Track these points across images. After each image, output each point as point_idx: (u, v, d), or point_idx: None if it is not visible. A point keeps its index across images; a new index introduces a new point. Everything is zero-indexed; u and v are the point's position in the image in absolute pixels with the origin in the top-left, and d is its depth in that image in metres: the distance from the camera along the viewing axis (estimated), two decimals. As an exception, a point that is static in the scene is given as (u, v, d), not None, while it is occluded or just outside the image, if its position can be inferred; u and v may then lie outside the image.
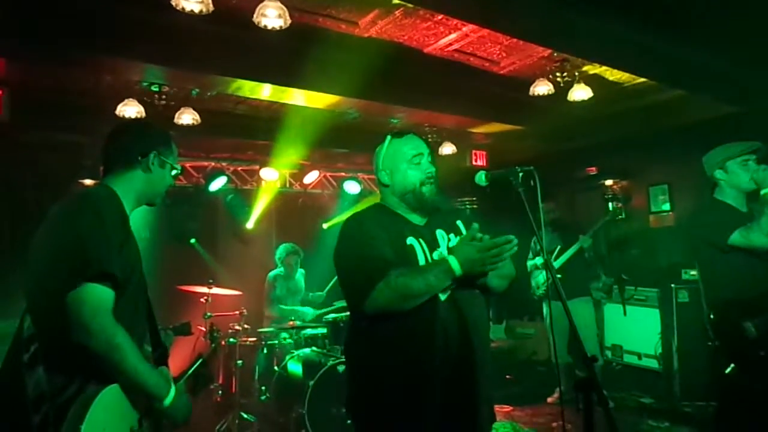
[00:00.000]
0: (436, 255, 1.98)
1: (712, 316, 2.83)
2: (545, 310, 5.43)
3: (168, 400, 1.67)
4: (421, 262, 1.94)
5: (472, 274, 1.83)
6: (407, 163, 2.05)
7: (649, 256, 5.97)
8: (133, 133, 1.92)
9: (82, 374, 1.58)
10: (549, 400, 5.28)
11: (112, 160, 1.86)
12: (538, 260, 5.22)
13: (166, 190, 1.98)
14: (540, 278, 5.26)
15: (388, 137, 2.16)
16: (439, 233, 2.06)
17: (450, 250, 1.92)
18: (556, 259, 5.13)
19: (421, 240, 1.99)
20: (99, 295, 1.56)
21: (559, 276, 4.99)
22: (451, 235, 2.07)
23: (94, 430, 1.53)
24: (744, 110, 5.14)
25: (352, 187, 7.28)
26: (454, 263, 1.80)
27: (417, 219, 2.08)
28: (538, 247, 5.33)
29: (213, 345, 3.72)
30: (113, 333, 1.55)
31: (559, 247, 5.16)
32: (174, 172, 1.97)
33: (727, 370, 2.73)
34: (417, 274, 1.84)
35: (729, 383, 2.78)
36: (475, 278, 1.91)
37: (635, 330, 5.60)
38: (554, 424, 4.70)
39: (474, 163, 6.84)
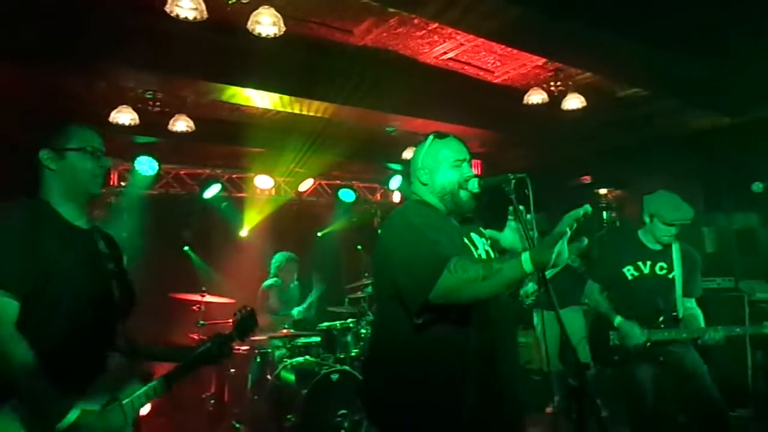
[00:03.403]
0: (478, 255, 2.03)
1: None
2: (536, 319, 5.42)
3: (62, 425, 1.58)
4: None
5: (542, 267, 1.69)
6: (448, 165, 2.08)
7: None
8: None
9: None
10: (548, 410, 5.25)
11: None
12: None
13: (97, 175, 1.88)
14: (530, 287, 5.23)
15: (431, 137, 2.17)
16: (473, 235, 2.10)
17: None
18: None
19: (467, 239, 2.03)
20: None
21: None
22: (483, 240, 2.12)
23: None
24: (737, 120, 5.17)
25: (347, 196, 7.27)
26: (524, 257, 1.68)
27: (453, 219, 2.11)
28: None
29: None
30: (12, 347, 1.55)
31: None
32: (85, 153, 1.85)
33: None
34: (478, 261, 1.82)
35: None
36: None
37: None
38: (549, 434, 4.67)
39: (469, 171, 6.83)
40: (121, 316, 1.96)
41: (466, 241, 2.02)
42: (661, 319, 3.23)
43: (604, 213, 6.54)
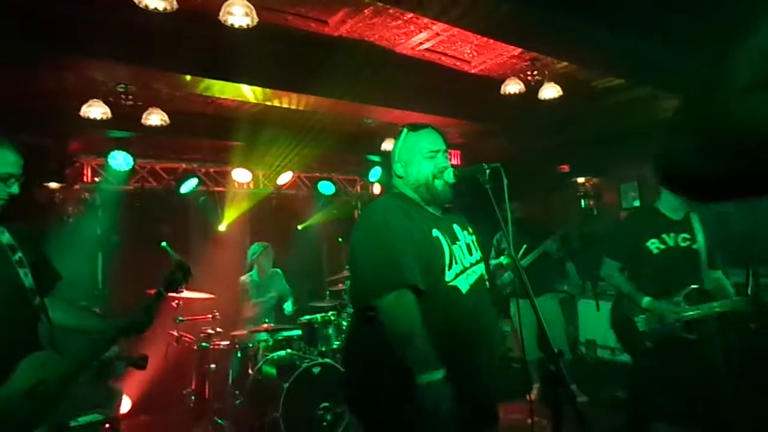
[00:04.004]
0: (457, 247, 2.02)
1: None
2: (512, 308, 5.47)
3: None
4: (446, 253, 1.97)
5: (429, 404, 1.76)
6: (422, 156, 2.08)
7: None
8: None
9: None
10: (529, 397, 5.31)
11: None
12: (503, 259, 5.23)
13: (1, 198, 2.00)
14: (506, 277, 5.27)
15: (405, 130, 2.18)
16: (455, 227, 2.11)
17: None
18: (522, 258, 5.14)
19: (442, 231, 2.02)
20: None
21: None
22: (465, 232, 2.13)
23: None
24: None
25: (326, 188, 7.24)
26: (436, 376, 1.73)
27: (434, 210, 2.11)
28: (502, 246, 5.36)
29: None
30: None
31: (525, 246, 5.17)
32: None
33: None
34: (414, 325, 1.78)
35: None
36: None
37: (608, 325, 5.66)
38: (529, 420, 4.73)
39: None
40: (39, 297, 2.06)
41: (437, 234, 2.00)
42: (687, 292, 3.05)
43: (582, 201, 6.61)
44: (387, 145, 6.33)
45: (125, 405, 5.08)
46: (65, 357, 2.01)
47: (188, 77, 4.13)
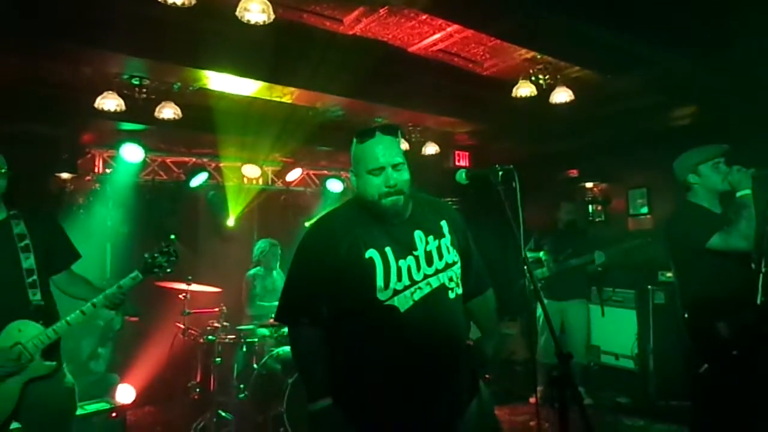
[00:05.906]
0: (410, 260, 1.84)
1: (686, 316, 2.89)
2: (539, 309, 5.48)
3: None
4: (380, 275, 1.80)
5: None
6: (367, 172, 1.86)
7: (626, 257, 6.05)
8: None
9: None
10: (531, 400, 5.31)
11: None
12: (542, 255, 5.26)
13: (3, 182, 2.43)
14: (537, 273, 5.25)
15: (354, 139, 1.93)
16: (418, 234, 1.91)
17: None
18: (566, 260, 5.14)
19: (388, 249, 1.84)
20: None
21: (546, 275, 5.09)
22: (430, 237, 1.92)
23: None
24: (722, 115, 5.23)
25: (335, 186, 7.25)
26: (321, 404, 1.87)
27: (387, 221, 1.90)
28: (541, 242, 5.39)
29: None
30: None
31: (570, 250, 5.18)
32: None
33: (701, 370, 2.79)
34: (308, 360, 1.92)
35: (703, 382, 2.84)
36: None
37: (612, 331, 5.66)
38: (532, 423, 4.74)
39: (457, 163, 6.87)
40: (35, 277, 2.44)
41: (372, 253, 1.83)
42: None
43: (590, 207, 6.60)
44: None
45: (130, 395, 5.12)
46: (44, 328, 2.40)
47: (202, 71, 4.15)
